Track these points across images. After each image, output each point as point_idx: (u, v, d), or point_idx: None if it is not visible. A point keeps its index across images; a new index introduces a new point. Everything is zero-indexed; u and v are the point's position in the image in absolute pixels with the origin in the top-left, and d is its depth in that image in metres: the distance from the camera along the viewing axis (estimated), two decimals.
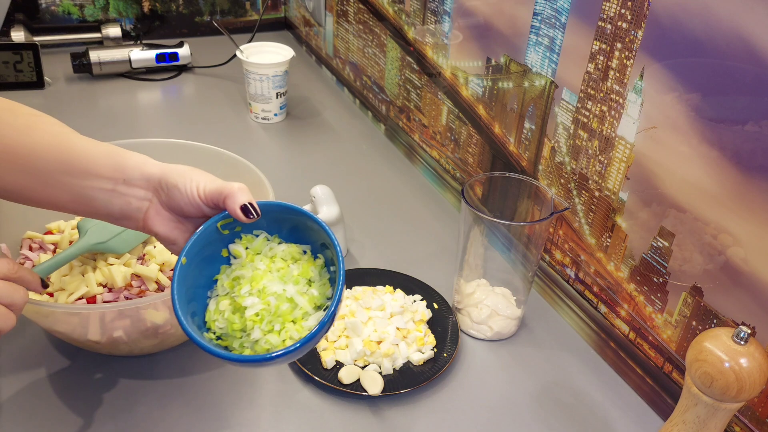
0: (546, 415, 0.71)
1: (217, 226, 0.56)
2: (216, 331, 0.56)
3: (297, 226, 0.58)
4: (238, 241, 0.58)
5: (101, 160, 0.56)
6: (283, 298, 0.55)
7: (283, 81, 1.23)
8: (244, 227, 0.58)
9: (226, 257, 0.58)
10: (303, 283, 0.56)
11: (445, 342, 0.77)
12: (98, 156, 0.56)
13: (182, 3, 1.58)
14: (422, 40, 1.06)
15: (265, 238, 0.58)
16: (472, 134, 0.98)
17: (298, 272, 0.56)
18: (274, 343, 0.53)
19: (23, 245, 0.79)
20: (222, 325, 0.55)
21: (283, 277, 0.56)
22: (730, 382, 0.51)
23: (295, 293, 0.55)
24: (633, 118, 0.68)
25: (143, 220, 0.58)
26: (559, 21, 0.75)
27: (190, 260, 0.55)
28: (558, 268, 0.84)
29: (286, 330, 0.54)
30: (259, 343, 0.54)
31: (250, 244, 0.58)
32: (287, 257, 0.57)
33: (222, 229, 0.57)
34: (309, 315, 0.55)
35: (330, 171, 1.12)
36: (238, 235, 0.58)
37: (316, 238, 0.58)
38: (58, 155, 0.55)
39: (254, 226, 0.58)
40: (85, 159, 0.55)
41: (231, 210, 0.55)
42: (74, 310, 0.66)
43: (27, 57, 1.28)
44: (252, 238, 0.58)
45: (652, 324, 0.71)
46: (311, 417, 0.69)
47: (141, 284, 0.74)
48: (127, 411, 0.68)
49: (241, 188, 0.55)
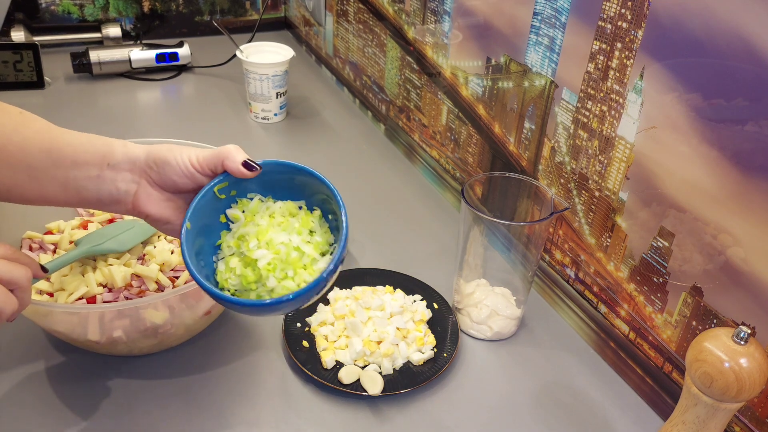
0: (546, 415, 0.71)
1: (214, 191, 0.58)
2: (230, 289, 0.58)
3: (287, 186, 0.60)
4: (234, 206, 0.60)
5: (86, 148, 0.57)
6: (290, 247, 0.57)
7: (282, 81, 1.23)
8: (238, 192, 0.60)
9: (224, 223, 0.60)
10: (305, 233, 0.59)
11: (444, 342, 0.77)
12: (83, 145, 0.57)
13: (182, 3, 1.58)
14: (422, 40, 1.06)
15: (260, 199, 0.60)
16: (472, 134, 0.98)
17: (299, 224, 0.59)
18: (290, 287, 0.56)
19: (23, 245, 0.79)
20: (235, 282, 0.58)
21: (286, 229, 0.58)
22: (730, 382, 0.51)
23: (300, 242, 0.57)
24: (633, 118, 0.68)
25: (132, 203, 0.59)
26: (559, 21, 0.75)
27: (193, 225, 0.57)
28: (558, 268, 0.84)
29: (298, 275, 0.57)
30: (275, 291, 0.56)
31: (246, 207, 0.60)
32: (285, 213, 0.60)
33: (219, 193, 0.59)
34: (316, 261, 0.58)
35: (330, 171, 1.12)
36: (233, 200, 0.60)
37: (309, 192, 0.60)
38: (45, 149, 0.56)
39: (247, 190, 0.60)
40: (70, 149, 0.57)
41: (233, 169, 0.56)
42: (74, 310, 0.66)
43: (27, 57, 1.28)
44: (247, 201, 0.60)
45: (652, 324, 0.71)
46: (311, 417, 0.69)
47: (141, 284, 0.74)
48: (126, 411, 0.68)
49: (236, 148, 0.57)
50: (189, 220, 0.56)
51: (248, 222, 0.59)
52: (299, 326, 0.78)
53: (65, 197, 0.58)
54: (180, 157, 0.57)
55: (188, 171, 0.57)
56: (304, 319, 0.79)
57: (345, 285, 0.84)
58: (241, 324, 0.80)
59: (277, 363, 0.75)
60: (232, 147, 0.57)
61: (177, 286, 0.75)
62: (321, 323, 0.78)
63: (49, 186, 0.57)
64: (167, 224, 0.60)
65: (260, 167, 0.57)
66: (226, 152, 0.57)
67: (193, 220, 0.57)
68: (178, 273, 0.76)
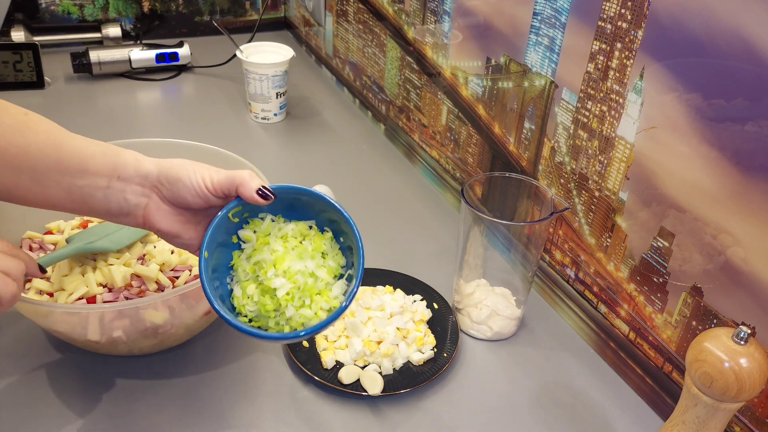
0: (546, 415, 0.71)
1: (229, 216, 0.58)
2: (247, 315, 0.58)
3: (294, 204, 0.60)
4: (246, 226, 0.60)
5: (95, 158, 0.56)
6: (306, 274, 0.57)
7: (282, 81, 1.23)
8: (250, 213, 0.60)
9: (236, 243, 0.60)
10: (318, 257, 0.59)
11: (444, 342, 0.77)
12: (92, 154, 0.56)
13: (182, 3, 1.58)
14: (422, 40, 1.06)
15: (271, 220, 0.60)
16: (471, 134, 0.98)
17: (312, 248, 0.59)
18: (308, 316, 0.57)
19: (23, 245, 0.79)
20: (253, 308, 0.58)
21: (301, 254, 0.58)
22: (729, 382, 0.51)
23: (315, 267, 0.58)
24: (633, 118, 0.68)
25: (143, 217, 0.58)
26: (559, 21, 0.75)
27: (210, 253, 0.57)
28: (558, 268, 0.84)
29: (315, 303, 0.57)
30: (294, 319, 0.57)
31: (258, 228, 0.60)
32: (297, 235, 0.60)
33: (233, 217, 0.59)
34: (331, 285, 0.58)
35: (330, 171, 1.12)
36: (245, 220, 0.60)
37: (317, 210, 0.60)
38: (51, 154, 0.55)
39: (257, 209, 0.60)
40: (78, 157, 0.55)
41: (248, 197, 0.56)
42: (74, 310, 0.66)
43: (27, 57, 1.28)
44: (259, 221, 0.60)
45: (652, 324, 0.71)
46: (311, 417, 0.69)
47: (141, 284, 0.74)
48: (126, 411, 0.68)
49: (251, 174, 0.57)
50: (206, 249, 0.56)
51: (261, 244, 0.59)
52: None
53: (71, 204, 0.57)
54: (194, 177, 0.56)
55: (202, 192, 0.56)
56: None
57: None
58: None
59: (277, 363, 0.75)
60: (246, 173, 0.56)
61: (177, 286, 0.75)
62: None
63: (53, 191, 0.56)
64: (177, 238, 0.59)
65: (274, 196, 0.57)
66: (240, 178, 0.56)
67: (210, 248, 0.57)
68: (178, 273, 0.76)
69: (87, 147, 0.56)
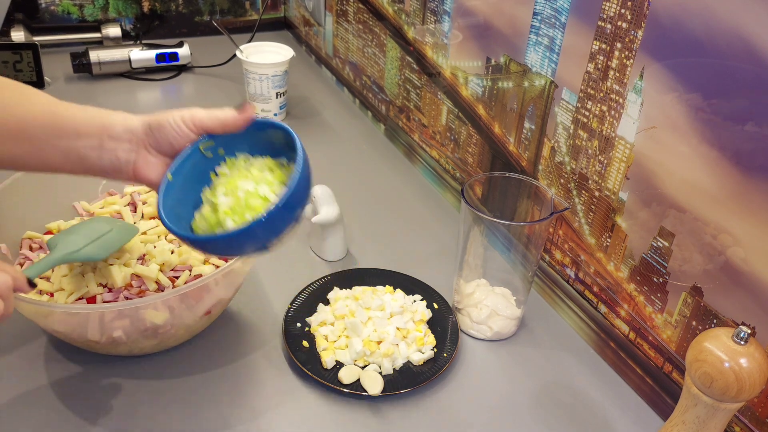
0: (546, 415, 0.71)
1: (200, 148, 0.62)
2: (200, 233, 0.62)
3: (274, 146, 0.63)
4: (222, 163, 0.64)
5: (87, 121, 0.61)
6: (255, 195, 0.60)
7: (282, 81, 1.23)
8: (227, 151, 0.64)
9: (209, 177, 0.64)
10: (276, 185, 0.62)
11: (444, 342, 0.77)
12: (84, 118, 0.61)
13: (182, 3, 1.58)
14: (422, 40, 1.06)
15: (245, 158, 0.64)
16: (471, 134, 0.98)
17: (273, 177, 0.62)
18: None
19: (23, 245, 0.79)
20: (204, 227, 0.62)
21: (257, 179, 0.62)
22: (730, 382, 0.51)
23: (268, 192, 0.60)
24: (633, 118, 0.68)
25: (133, 171, 0.62)
26: (558, 21, 0.75)
27: (176, 179, 0.61)
28: (558, 268, 0.84)
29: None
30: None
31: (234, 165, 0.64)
32: (264, 168, 0.63)
33: (205, 151, 0.63)
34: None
35: (330, 171, 1.12)
36: (222, 158, 0.64)
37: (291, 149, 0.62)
38: (48, 122, 0.60)
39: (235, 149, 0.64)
40: (73, 122, 0.60)
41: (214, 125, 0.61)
42: (74, 310, 0.66)
43: (27, 57, 1.28)
44: (234, 160, 0.64)
45: (652, 324, 0.71)
46: (311, 417, 0.69)
47: (141, 284, 0.74)
48: (126, 411, 0.68)
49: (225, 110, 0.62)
50: (171, 172, 0.61)
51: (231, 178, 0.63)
52: (299, 326, 0.78)
53: (69, 166, 0.61)
54: (173, 119, 0.61)
55: (181, 131, 0.61)
56: (304, 319, 0.79)
57: (345, 285, 0.84)
58: (241, 324, 0.80)
59: (277, 363, 0.75)
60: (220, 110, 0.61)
61: (177, 286, 0.75)
62: (321, 323, 0.78)
63: (51, 156, 0.60)
64: None
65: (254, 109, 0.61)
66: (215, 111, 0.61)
67: (177, 174, 0.61)
68: (178, 273, 0.76)
69: (79, 112, 0.61)
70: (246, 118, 0.61)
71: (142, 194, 0.88)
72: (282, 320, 0.79)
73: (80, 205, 0.86)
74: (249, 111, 0.61)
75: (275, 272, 0.88)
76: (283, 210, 0.56)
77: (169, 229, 0.58)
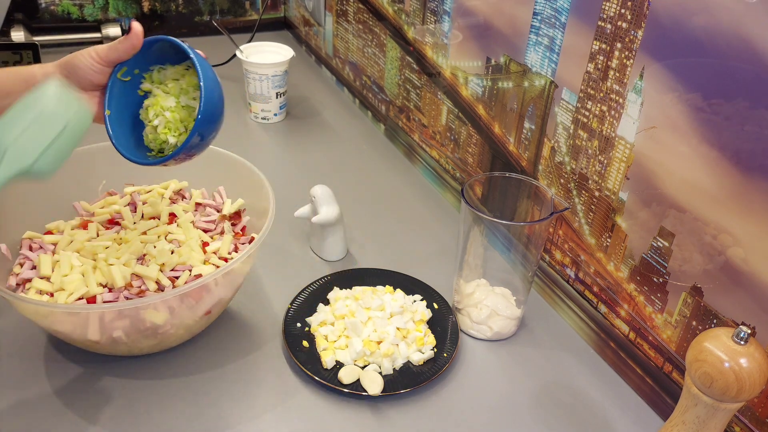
0: (546, 415, 0.71)
1: (117, 76, 0.67)
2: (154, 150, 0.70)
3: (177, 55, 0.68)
4: (143, 81, 0.69)
5: (11, 78, 0.64)
6: (179, 108, 0.68)
7: (282, 81, 1.23)
8: (141, 69, 0.69)
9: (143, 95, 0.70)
10: (192, 90, 0.68)
11: (444, 342, 0.77)
12: (8, 77, 0.65)
13: (182, 3, 1.58)
14: (422, 40, 1.06)
15: (158, 69, 0.69)
16: (471, 134, 0.98)
17: (186, 83, 0.68)
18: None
19: (23, 245, 0.79)
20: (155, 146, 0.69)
21: (174, 92, 0.68)
22: (730, 382, 0.51)
23: (188, 101, 0.68)
24: (633, 118, 0.68)
25: None
26: (558, 21, 0.75)
27: (112, 111, 0.67)
28: (558, 268, 0.84)
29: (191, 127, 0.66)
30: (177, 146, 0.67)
31: (153, 79, 0.69)
32: (177, 76, 0.69)
33: (123, 77, 0.67)
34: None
35: (330, 171, 1.12)
36: (141, 76, 0.69)
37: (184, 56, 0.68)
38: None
39: (148, 64, 0.69)
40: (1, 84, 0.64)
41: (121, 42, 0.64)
42: (74, 310, 0.66)
43: (27, 57, 1.28)
44: (151, 74, 0.70)
45: (652, 324, 0.71)
46: (311, 417, 0.69)
47: (141, 284, 0.74)
48: (127, 411, 0.68)
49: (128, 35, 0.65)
50: (108, 107, 0.66)
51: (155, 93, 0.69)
52: (299, 326, 0.78)
53: None
54: (84, 57, 0.65)
55: (94, 66, 0.65)
56: (304, 319, 0.79)
57: (345, 285, 0.84)
58: (241, 324, 0.80)
59: (277, 363, 0.75)
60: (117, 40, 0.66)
61: (177, 286, 0.75)
62: (321, 323, 0.78)
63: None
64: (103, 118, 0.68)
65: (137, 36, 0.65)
66: (112, 43, 0.65)
67: (113, 106, 0.67)
68: (178, 273, 0.76)
69: (5, 73, 0.65)
70: (136, 35, 0.64)
71: (142, 194, 0.88)
72: (282, 320, 0.79)
73: (80, 205, 0.86)
74: (136, 29, 0.65)
75: (275, 272, 0.88)
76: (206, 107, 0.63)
77: (129, 159, 0.66)
